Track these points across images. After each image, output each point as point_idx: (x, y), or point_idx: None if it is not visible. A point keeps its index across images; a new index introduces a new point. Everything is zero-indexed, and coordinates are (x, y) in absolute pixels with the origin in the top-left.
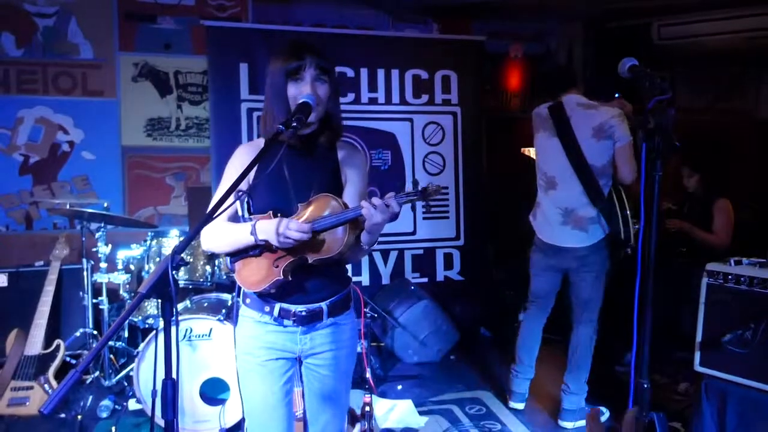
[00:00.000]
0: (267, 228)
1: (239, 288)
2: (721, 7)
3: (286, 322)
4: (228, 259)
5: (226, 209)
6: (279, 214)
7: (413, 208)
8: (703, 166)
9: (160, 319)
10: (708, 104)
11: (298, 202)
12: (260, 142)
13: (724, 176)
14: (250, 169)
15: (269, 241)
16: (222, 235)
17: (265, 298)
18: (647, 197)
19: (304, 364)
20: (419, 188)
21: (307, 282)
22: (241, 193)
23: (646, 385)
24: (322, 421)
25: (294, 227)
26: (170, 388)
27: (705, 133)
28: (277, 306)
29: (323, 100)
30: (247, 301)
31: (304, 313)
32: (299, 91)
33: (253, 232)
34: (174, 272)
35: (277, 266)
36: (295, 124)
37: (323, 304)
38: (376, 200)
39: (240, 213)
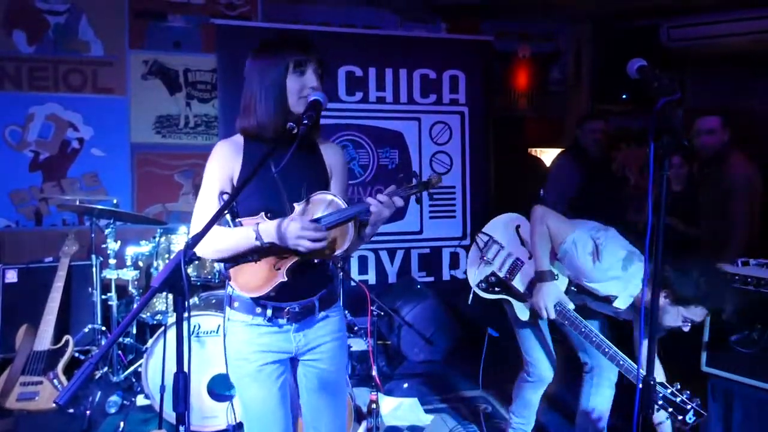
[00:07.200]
0: (271, 230)
1: (227, 294)
2: (731, 9)
3: (280, 321)
4: (223, 265)
5: (228, 206)
6: (270, 215)
7: (418, 201)
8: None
9: (169, 315)
10: (718, 106)
11: (290, 201)
12: (239, 139)
13: None
14: (260, 166)
15: (276, 244)
16: (219, 240)
17: (257, 299)
18: (656, 197)
19: (300, 363)
20: (420, 180)
21: (303, 279)
22: (226, 196)
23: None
24: (325, 418)
25: (311, 230)
26: (182, 381)
27: None
28: (270, 306)
29: None
30: (235, 304)
31: (297, 310)
32: (303, 85)
33: (258, 237)
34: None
35: (279, 268)
36: (306, 121)
37: (314, 299)
38: (381, 197)
39: (228, 217)
